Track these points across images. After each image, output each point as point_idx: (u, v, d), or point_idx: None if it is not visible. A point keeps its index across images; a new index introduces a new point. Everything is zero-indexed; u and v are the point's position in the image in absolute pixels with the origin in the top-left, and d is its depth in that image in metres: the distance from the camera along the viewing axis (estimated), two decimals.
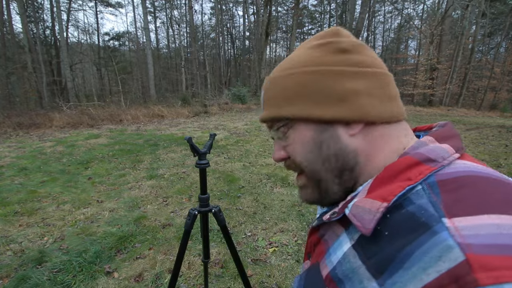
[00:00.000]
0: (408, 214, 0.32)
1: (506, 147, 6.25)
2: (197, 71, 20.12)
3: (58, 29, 15.34)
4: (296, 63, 0.44)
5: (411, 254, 0.28)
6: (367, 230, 0.33)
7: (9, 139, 6.97)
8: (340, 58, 0.42)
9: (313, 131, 0.43)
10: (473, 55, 20.73)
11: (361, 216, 0.35)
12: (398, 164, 0.37)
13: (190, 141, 1.08)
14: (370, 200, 0.35)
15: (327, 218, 0.42)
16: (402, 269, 0.29)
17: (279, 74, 0.46)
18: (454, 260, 0.25)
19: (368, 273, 0.33)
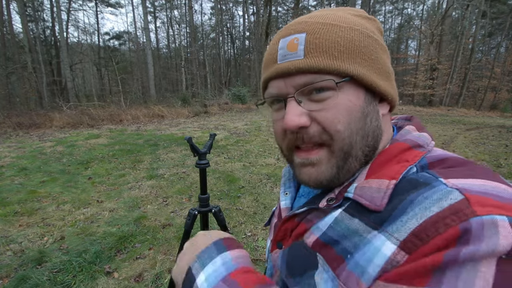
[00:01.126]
0: (409, 180, 0.35)
1: (506, 147, 6.25)
2: (197, 71, 20.12)
3: (58, 29, 15.35)
4: (353, 21, 0.39)
5: (412, 201, 0.31)
6: (380, 206, 0.34)
7: (9, 139, 6.97)
8: (381, 38, 0.43)
9: (362, 100, 0.39)
10: (473, 55, 20.73)
11: (369, 195, 0.35)
12: (393, 149, 0.40)
13: (190, 141, 1.08)
14: (375, 180, 0.36)
15: (324, 205, 0.40)
16: (404, 214, 0.31)
17: (333, 22, 0.38)
18: (454, 198, 0.29)
19: (367, 227, 0.34)
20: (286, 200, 0.51)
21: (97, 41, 23.54)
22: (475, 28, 21.26)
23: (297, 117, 0.38)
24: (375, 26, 0.43)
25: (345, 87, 0.38)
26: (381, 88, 0.39)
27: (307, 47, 0.37)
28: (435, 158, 0.37)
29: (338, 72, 0.37)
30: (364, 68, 0.38)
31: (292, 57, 0.38)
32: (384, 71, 0.40)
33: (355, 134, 0.38)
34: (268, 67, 0.41)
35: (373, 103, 0.40)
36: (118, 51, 25.71)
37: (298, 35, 0.38)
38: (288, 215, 0.46)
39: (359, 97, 0.38)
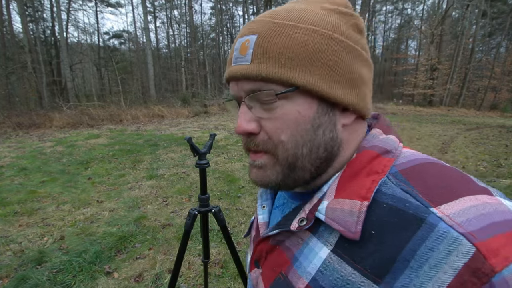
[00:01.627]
0: (392, 208, 0.31)
1: (506, 147, 6.25)
2: (197, 71, 20.12)
3: (58, 29, 15.34)
4: (316, 19, 0.35)
5: (415, 252, 0.28)
6: (355, 234, 0.31)
7: (9, 139, 6.97)
8: (358, 37, 0.38)
9: (314, 111, 0.36)
10: (473, 55, 20.73)
11: (342, 219, 0.33)
12: (361, 158, 0.37)
13: (190, 141, 1.08)
14: (346, 200, 0.34)
15: (296, 227, 0.37)
16: (408, 269, 0.28)
17: (290, 23, 0.35)
18: (466, 253, 0.26)
19: (364, 278, 0.30)
20: (263, 214, 0.49)
21: (97, 41, 23.55)
22: (475, 28, 21.27)
23: (245, 122, 0.37)
24: (351, 22, 0.38)
25: (294, 96, 0.35)
26: (337, 98, 0.35)
27: (255, 51, 0.35)
28: (406, 165, 0.35)
29: (282, 81, 0.34)
30: (315, 76, 0.34)
31: (241, 61, 0.36)
32: (346, 78, 0.36)
33: (302, 146, 0.36)
34: (227, 66, 0.40)
35: (329, 113, 0.36)
36: (118, 51, 25.71)
37: (250, 36, 0.36)
38: (261, 237, 0.44)
39: (309, 108, 0.35)
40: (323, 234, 0.36)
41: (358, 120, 0.40)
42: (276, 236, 0.41)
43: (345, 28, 0.36)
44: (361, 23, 0.39)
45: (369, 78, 0.39)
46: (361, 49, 0.38)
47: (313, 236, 0.37)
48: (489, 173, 4.44)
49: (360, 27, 0.38)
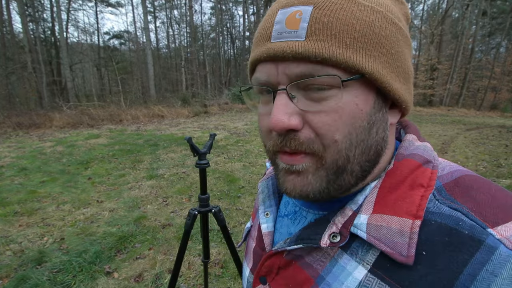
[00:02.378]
0: (441, 226, 0.28)
1: (506, 147, 6.25)
2: (197, 71, 20.12)
3: (58, 29, 15.35)
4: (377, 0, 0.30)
5: (475, 276, 0.25)
6: (409, 258, 0.27)
7: (9, 139, 6.97)
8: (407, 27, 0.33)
9: (371, 105, 0.30)
10: (473, 55, 20.75)
11: (389, 239, 0.28)
12: (401, 168, 0.32)
13: (190, 141, 1.08)
14: (394, 218, 0.29)
15: (327, 244, 0.32)
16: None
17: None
18: None
19: None
20: (268, 223, 0.44)
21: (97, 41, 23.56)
22: (475, 28, 21.28)
23: (286, 116, 0.29)
24: (403, 11, 0.33)
25: (354, 86, 0.29)
26: (396, 92, 0.31)
27: (312, 25, 0.28)
28: (447, 178, 0.31)
29: (347, 65, 0.28)
30: (381, 64, 0.29)
31: (290, 37, 0.29)
32: (403, 71, 0.32)
33: (355, 148, 0.30)
34: (259, 45, 0.32)
35: (383, 109, 0.32)
36: (118, 51, 25.71)
37: (303, 7, 0.29)
38: (273, 251, 0.38)
39: (367, 102, 0.30)
40: (357, 251, 0.31)
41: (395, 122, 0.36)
42: (294, 251, 0.36)
43: (400, 15, 0.32)
44: (409, 13, 0.35)
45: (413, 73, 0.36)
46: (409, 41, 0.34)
47: (343, 253, 0.32)
48: (489, 173, 4.45)
49: (408, 18, 0.34)
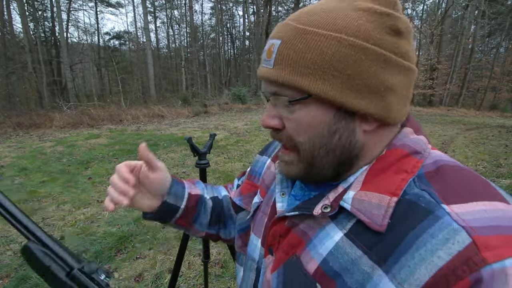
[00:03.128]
0: (407, 202, 0.33)
1: (506, 147, 6.25)
2: (197, 71, 20.12)
3: (58, 29, 15.36)
4: (340, 24, 0.34)
5: (417, 238, 0.30)
6: (382, 227, 0.33)
7: (9, 139, 6.97)
8: (391, 40, 0.35)
9: (331, 116, 0.37)
10: (473, 55, 20.74)
11: (368, 211, 0.34)
12: (390, 156, 0.38)
13: (190, 141, 1.08)
14: (375, 194, 0.35)
15: (319, 213, 0.38)
16: (408, 253, 0.30)
17: (311, 29, 0.35)
18: (462, 242, 0.28)
19: (371, 261, 0.32)
20: (283, 202, 0.49)
21: (97, 41, 23.56)
22: (475, 28, 21.27)
23: (269, 118, 0.41)
24: (386, 24, 0.35)
25: (310, 103, 0.36)
26: (353, 107, 0.35)
27: (277, 57, 0.36)
28: (430, 167, 0.36)
29: (297, 88, 0.35)
30: (331, 85, 0.34)
31: (267, 64, 0.38)
32: (367, 87, 0.34)
33: (318, 148, 0.38)
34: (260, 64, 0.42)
35: (346, 119, 0.37)
36: (118, 51, 25.72)
37: (276, 41, 0.37)
38: (277, 217, 0.44)
39: (325, 114, 0.36)
40: (342, 221, 0.37)
41: (384, 126, 0.39)
42: (293, 218, 0.42)
43: (377, 32, 0.34)
44: (399, 23, 0.35)
45: (403, 84, 0.37)
46: (394, 54, 0.35)
47: (331, 222, 0.38)
48: (488, 173, 4.45)
49: (397, 29, 0.35)
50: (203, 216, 0.63)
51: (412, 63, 0.37)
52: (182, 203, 0.58)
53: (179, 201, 0.58)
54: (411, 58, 0.37)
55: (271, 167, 0.58)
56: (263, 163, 0.62)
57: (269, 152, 0.63)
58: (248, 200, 0.60)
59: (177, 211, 0.57)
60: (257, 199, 0.57)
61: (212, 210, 0.65)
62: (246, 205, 0.60)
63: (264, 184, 0.57)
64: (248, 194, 0.61)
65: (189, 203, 0.59)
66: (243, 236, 0.60)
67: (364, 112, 0.36)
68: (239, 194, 0.63)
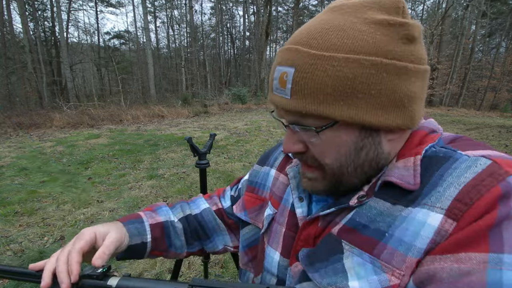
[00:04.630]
0: (428, 157, 0.37)
1: (506, 147, 6.25)
2: (197, 71, 20.12)
3: (58, 29, 15.36)
4: (358, 44, 0.32)
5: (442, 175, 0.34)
6: (416, 185, 0.35)
7: (9, 139, 6.97)
8: (408, 50, 0.34)
9: (356, 136, 0.36)
10: (473, 55, 20.73)
11: (397, 174, 0.37)
12: (414, 138, 0.41)
13: (190, 141, 1.08)
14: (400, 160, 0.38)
15: (355, 202, 0.39)
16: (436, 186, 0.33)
17: (328, 54, 0.33)
18: (484, 163, 0.32)
19: (399, 206, 0.35)
20: (302, 208, 0.47)
21: (97, 41, 23.56)
22: (475, 28, 21.27)
23: (291, 144, 0.40)
24: (400, 35, 0.33)
25: (336, 126, 0.35)
26: (380, 124, 0.35)
27: (293, 87, 0.34)
28: (448, 138, 0.41)
29: (321, 117, 0.34)
30: (356, 108, 0.33)
31: (282, 94, 0.36)
32: (391, 102, 0.34)
33: (346, 167, 0.38)
34: (269, 90, 0.40)
35: (372, 135, 0.37)
36: (118, 51, 25.72)
37: (288, 69, 0.35)
38: (310, 218, 0.43)
39: (351, 134, 0.36)
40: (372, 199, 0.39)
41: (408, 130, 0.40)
42: (326, 217, 0.42)
43: (394, 44, 0.33)
44: (413, 30, 0.34)
45: (422, 88, 0.37)
46: (412, 63, 0.34)
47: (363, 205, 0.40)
48: None
49: (412, 36, 0.34)
50: (176, 240, 0.61)
51: (426, 64, 0.37)
52: (147, 237, 0.56)
53: (144, 237, 0.56)
54: (425, 59, 0.37)
55: (279, 177, 0.56)
56: (265, 174, 0.60)
57: (270, 162, 0.61)
58: (254, 214, 0.58)
59: (145, 246, 0.56)
60: (270, 211, 0.54)
61: (185, 231, 0.63)
62: (253, 219, 0.57)
63: (275, 195, 0.55)
64: (253, 208, 0.58)
65: (154, 234, 0.57)
66: (248, 252, 0.57)
67: (391, 126, 0.36)
68: (242, 208, 0.60)
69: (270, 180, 0.58)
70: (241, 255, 0.60)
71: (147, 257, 0.58)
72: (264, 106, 13.95)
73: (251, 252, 0.57)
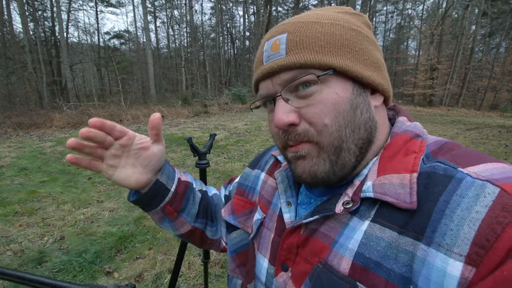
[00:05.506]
0: (426, 174, 0.34)
1: (506, 147, 6.25)
2: (197, 71, 20.12)
3: (58, 29, 15.36)
4: (335, 17, 0.40)
5: (448, 202, 0.30)
6: (412, 204, 0.32)
7: (9, 139, 6.97)
8: (369, 31, 0.43)
9: (350, 91, 0.38)
10: (473, 55, 20.72)
11: (393, 191, 0.34)
12: (396, 142, 0.40)
13: (190, 141, 1.08)
14: (394, 175, 0.35)
15: (341, 210, 0.37)
16: (445, 218, 0.30)
17: (314, 20, 0.39)
18: (492, 193, 0.29)
19: (410, 239, 0.31)
20: (291, 213, 0.46)
21: (97, 41, 23.56)
22: (475, 28, 21.26)
23: (285, 114, 0.38)
24: (361, 20, 0.43)
25: (330, 80, 0.37)
26: (369, 79, 0.39)
27: (288, 45, 0.37)
28: (433, 146, 0.39)
29: (320, 65, 0.36)
30: (348, 59, 0.37)
31: (275, 57, 0.38)
32: (371, 62, 0.40)
33: (344, 128, 0.37)
34: (257, 69, 0.42)
35: (362, 94, 0.39)
36: (118, 51, 25.72)
37: (280, 35, 0.39)
38: (291, 227, 0.42)
39: (346, 89, 0.38)
40: (364, 212, 0.36)
41: (383, 104, 0.44)
42: (311, 225, 0.40)
43: (360, 24, 0.42)
44: (368, 21, 0.45)
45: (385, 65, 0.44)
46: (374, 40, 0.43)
47: (353, 216, 0.37)
48: None
49: (369, 24, 0.44)
50: (192, 205, 0.59)
51: None
52: (172, 185, 0.55)
53: (170, 183, 0.54)
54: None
55: (268, 180, 0.55)
56: (255, 177, 0.59)
57: (261, 165, 0.60)
58: (243, 219, 0.56)
59: (166, 194, 0.54)
60: (259, 215, 0.53)
61: (201, 201, 0.62)
62: (242, 224, 0.55)
63: (264, 199, 0.53)
64: (242, 212, 0.56)
65: (179, 188, 0.56)
66: (236, 258, 0.56)
67: (376, 83, 0.40)
68: (231, 212, 0.58)
69: (260, 183, 0.57)
70: (229, 261, 0.57)
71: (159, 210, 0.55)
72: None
73: (239, 258, 0.55)
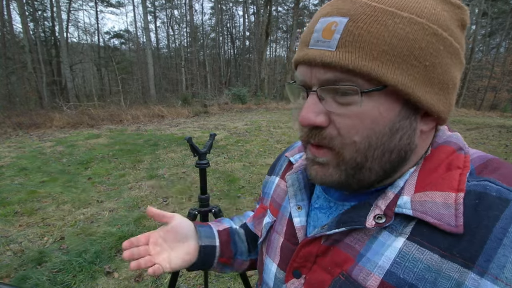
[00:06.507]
0: (473, 194, 0.30)
1: (506, 147, 6.25)
2: (197, 71, 20.11)
3: (58, 29, 15.36)
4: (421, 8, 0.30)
5: (506, 229, 0.27)
6: (458, 228, 0.29)
7: (9, 139, 6.97)
8: (460, 34, 0.33)
9: (396, 114, 0.32)
10: (473, 55, 20.71)
11: (435, 212, 0.30)
12: (438, 154, 0.36)
13: (190, 141, 1.08)
14: (437, 193, 0.32)
15: (372, 224, 0.34)
16: (502, 247, 0.27)
17: (391, 9, 0.30)
18: None
19: (456, 265, 0.28)
20: (301, 217, 0.44)
21: (97, 41, 23.56)
22: (475, 28, 21.27)
23: (313, 114, 0.33)
24: (458, 17, 0.33)
25: (378, 94, 0.31)
26: (425, 103, 0.32)
27: (343, 37, 0.30)
28: (477, 161, 0.35)
29: (370, 77, 0.30)
30: (408, 76, 0.30)
31: (323, 46, 0.31)
32: (439, 81, 0.32)
33: (374, 149, 0.33)
34: (300, 48, 0.35)
35: (410, 117, 0.33)
36: (118, 51, 25.71)
37: (339, 18, 0.31)
38: (312, 236, 0.39)
39: (391, 110, 0.32)
40: (397, 227, 0.33)
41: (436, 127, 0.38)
42: (333, 235, 0.37)
43: (451, 23, 0.32)
44: (467, 18, 0.33)
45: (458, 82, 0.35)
46: (461, 49, 0.33)
47: (383, 230, 0.34)
48: None
49: (465, 23, 0.33)
50: (241, 245, 0.61)
51: None
52: (215, 241, 0.57)
53: (213, 240, 0.57)
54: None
55: (281, 184, 0.54)
56: (271, 183, 0.59)
57: (276, 171, 0.60)
58: (257, 222, 0.57)
59: (214, 251, 0.56)
60: (268, 219, 0.52)
61: (247, 236, 0.63)
62: (255, 228, 0.57)
63: (275, 203, 0.52)
64: (257, 217, 0.57)
65: (222, 238, 0.58)
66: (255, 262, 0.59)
67: (435, 109, 0.33)
68: (252, 218, 0.61)
69: (273, 187, 0.57)
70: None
71: (216, 266, 0.57)
72: (264, 106, 13.94)
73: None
